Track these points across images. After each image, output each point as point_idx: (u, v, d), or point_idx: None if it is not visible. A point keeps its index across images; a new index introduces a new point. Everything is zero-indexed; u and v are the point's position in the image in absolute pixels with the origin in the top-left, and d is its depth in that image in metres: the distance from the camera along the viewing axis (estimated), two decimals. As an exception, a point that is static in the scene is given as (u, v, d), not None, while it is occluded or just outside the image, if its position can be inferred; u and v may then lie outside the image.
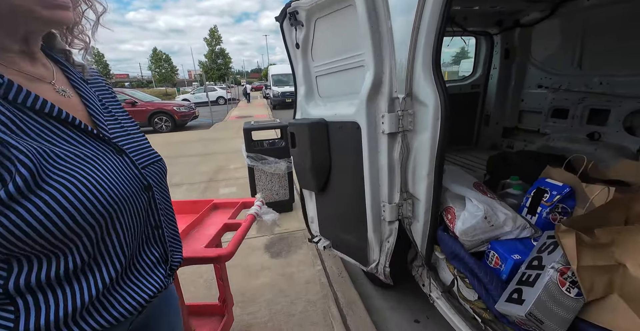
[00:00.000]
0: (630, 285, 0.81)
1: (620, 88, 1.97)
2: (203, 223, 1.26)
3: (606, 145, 2.00)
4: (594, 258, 0.88)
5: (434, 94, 1.17)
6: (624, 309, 0.80)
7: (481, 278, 1.11)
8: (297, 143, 1.57)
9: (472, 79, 3.03)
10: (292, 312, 1.65)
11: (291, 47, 1.60)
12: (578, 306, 0.85)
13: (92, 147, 0.47)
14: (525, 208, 1.35)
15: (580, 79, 2.23)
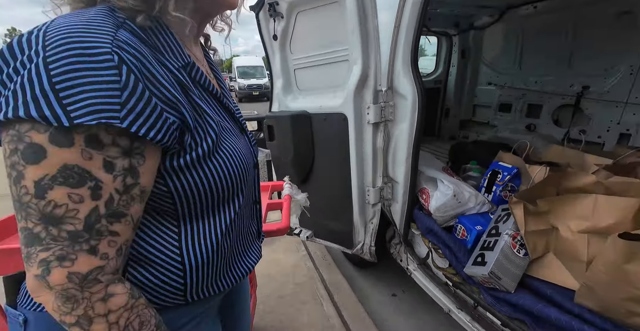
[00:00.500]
0: (560, 244, 1.03)
1: (550, 87, 2.34)
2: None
3: (539, 135, 2.37)
4: (536, 223, 1.09)
5: (412, 88, 1.32)
6: (556, 264, 1.02)
7: (452, 248, 1.30)
8: (277, 135, 1.62)
9: (434, 75, 3.30)
10: (282, 294, 1.73)
11: (268, 38, 1.62)
12: (525, 263, 1.06)
13: (232, 124, 0.54)
14: (483, 188, 1.58)
15: (520, 78, 2.58)
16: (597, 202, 0.97)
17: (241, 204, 0.53)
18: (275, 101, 1.74)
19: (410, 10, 1.22)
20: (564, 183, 1.18)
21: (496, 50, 2.81)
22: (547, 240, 1.10)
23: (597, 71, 1.99)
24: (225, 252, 0.51)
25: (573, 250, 0.98)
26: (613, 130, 1.94)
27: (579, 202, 1.01)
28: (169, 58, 0.43)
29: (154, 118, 0.36)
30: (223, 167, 0.46)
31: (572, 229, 1.02)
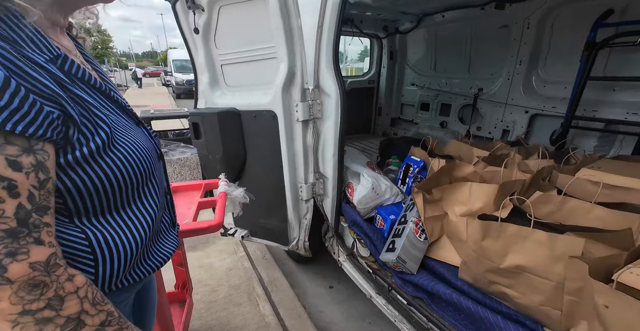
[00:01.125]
0: (450, 227, 1.20)
1: (456, 88, 2.68)
2: (184, 204, 1.19)
3: (450, 130, 2.71)
4: (432, 210, 1.24)
5: (335, 87, 1.37)
6: (448, 245, 1.19)
7: (371, 237, 1.41)
8: (203, 133, 1.55)
9: (368, 75, 3.49)
10: (214, 299, 1.66)
11: (188, 31, 1.53)
12: (425, 246, 1.20)
13: (124, 117, 0.52)
14: (399, 180, 1.74)
15: (435, 80, 2.90)
16: (471, 189, 1.15)
17: (157, 198, 0.54)
18: (202, 98, 1.65)
19: (330, 12, 1.26)
20: (454, 173, 1.37)
21: (417, 54, 3.09)
22: (442, 224, 1.26)
23: (487, 76, 2.36)
24: (142, 245, 0.52)
25: (458, 232, 1.14)
26: (498, 127, 2.33)
27: (460, 189, 1.19)
28: (32, 51, 0.40)
29: (34, 113, 0.35)
30: (124, 161, 0.46)
31: (456, 213, 1.19)
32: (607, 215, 0.95)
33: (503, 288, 0.91)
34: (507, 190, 1.15)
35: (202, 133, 1.57)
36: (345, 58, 21.19)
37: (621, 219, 0.92)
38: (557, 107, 1.95)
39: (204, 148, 1.60)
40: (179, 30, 1.52)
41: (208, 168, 1.69)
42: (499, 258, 0.88)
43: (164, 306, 1.11)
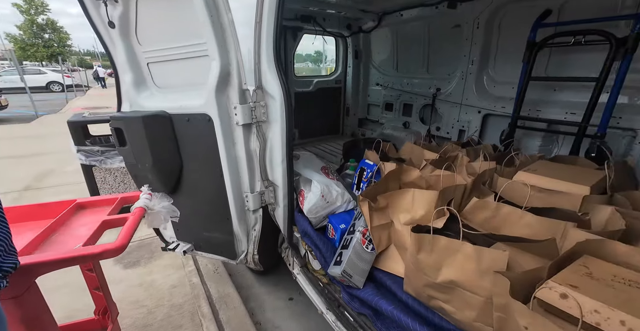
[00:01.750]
0: (396, 236, 1.12)
1: (416, 88, 2.66)
2: (67, 225, 1.02)
3: (412, 131, 2.68)
4: (379, 218, 1.16)
5: (278, 88, 1.26)
6: (395, 255, 1.11)
7: (321, 249, 1.31)
8: (128, 140, 1.38)
9: (335, 75, 3.41)
10: (150, 322, 1.50)
11: (102, 25, 1.34)
12: (372, 257, 1.12)
13: None
14: (354, 185, 1.65)
15: (398, 80, 2.87)
16: (414, 196, 1.09)
17: None
18: (125, 100, 1.47)
19: (268, 5, 1.14)
20: (402, 178, 1.30)
21: (381, 53, 3.04)
22: (389, 232, 1.19)
23: (444, 75, 2.34)
24: None
25: (403, 241, 1.07)
26: (456, 127, 2.32)
27: (403, 196, 1.12)
28: None
29: None
30: None
31: (401, 222, 1.12)
32: (535, 222, 0.92)
33: (441, 303, 0.84)
34: (447, 196, 1.09)
35: (127, 140, 1.39)
36: (324, 58, 20.97)
37: (548, 226, 0.89)
38: (505, 107, 1.95)
39: (130, 156, 1.43)
40: (89, 22, 1.33)
41: (139, 178, 1.52)
42: (434, 273, 0.81)
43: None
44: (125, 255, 2.04)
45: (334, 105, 3.49)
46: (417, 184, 1.23)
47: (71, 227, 1.00)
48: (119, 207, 1.14)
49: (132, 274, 1.86)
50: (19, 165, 4.00)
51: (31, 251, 0.83)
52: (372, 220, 1.09)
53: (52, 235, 0.93)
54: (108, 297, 1.26)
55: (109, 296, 1.28)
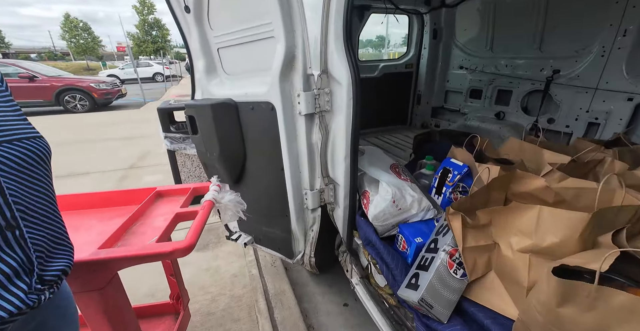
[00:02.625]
0: (501, 263, 0.85)
1: (520, 71, 2.14)
2: (147, 215, 1.05)
3: (508, 123, 2.19)
4: (476, 238, 0.90)
5: (346, 72, 1.08)
6: (497, 287, 0.84)
7: (388, 264, 1.11)
8: (200, 128, 1.37)
9: (406, 58, 3.06)
10: (212, 310, 1.53)
11: (179, 10, 1.33)
12: (463, 286, 0.87)
13: None
14: (434, 188, 1.38)
15: (491, 61, 2.37)
16: (540, 215, 0.78)
17: None
18: (198, 87, 1.47)
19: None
20: (513, 187, 0.99)
21: (468, 31, 2.57)
22: (489, 257, 0.92)
23: (567, 53, 1.79)
24: None
25: (514, 272, 0.79)
26: (582, 119, 1.77)
27: (521, 214, 0.82)
28: None
29: None
30: None
31: (513, 246, 0.84)
32: None
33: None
34: (607, 221, 0.75)
35: (199, 128, 1.39)
36: (387, 42, 19.79)
37: None
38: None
39: (201, 145, 1.43)
40: (169, 9, 1.34)
41: (208, 167, 1.53)
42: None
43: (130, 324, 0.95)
44: (197, 238, 2.17)
45: (403, 92, 3.14)
46: (539, 198, 0.91)
47: (150, 216, 1.02)
48: (191, 198, 1.14)
49: (201, 257, 1.96)
50: (128, 146, 4.70)
51: (114, 243, 0.85)
52: (466, 240, 0.85)
53: (134, 224, 0.96)
54: (181, 285, 1.31)
55: (182, 284, 1.32)
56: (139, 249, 0.77)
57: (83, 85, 8.43)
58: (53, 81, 8.18)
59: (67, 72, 9.63)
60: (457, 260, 0.90)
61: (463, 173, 1.27)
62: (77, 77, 9.18)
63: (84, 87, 8.39)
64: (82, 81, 8.61)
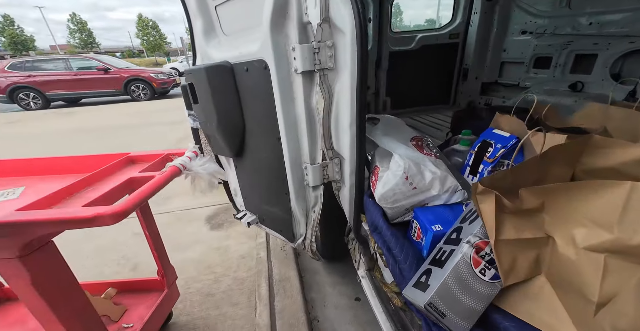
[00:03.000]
0: (558, 264, 0.58)
1: (612, 27, 1.64)
2: (107, 180, 0.96)
3: (588, 96, 1.71)
4: (518, 228, 0.64)
5: (349, 17, 0.86)
6: (549, 296, 0.57)
7: (396, 255, 0.89)
8: (199, 96, 1.26)
9: (450, 27, 2.64)
10: (213, 292, 1.46)
11: None
12: (493, 292, 0.62)
13: None
14: (468, 168, 1.09)
15: (568, 21, 1.88)
16: (632, 197, 0.48)
17: None
18: (198, 52, 1.36)
19: None
20: (587, 161, 0.69)
21: (536, -14, 2.08)
22: (538, 255, 0.65)
23: None
24: None
25: (577, 278, 0.53)
26: None
27: (598, 194, 0.53)
28: None
29: None
30: None
31: (577, 242, 0.56)
32: None
33: None
34: None
35: (198, 97, 1.29)
36: (439, 25, 18.01)
37: None
38: None
39: (201, 115, 1.34)
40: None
41: (210, 138, 1.44)
42: None
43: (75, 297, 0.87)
44: (214, 216, 2.16)
45: (445, 66, 2.73)
46: (631, 175, 0.62)
47: (109, 182, 0.94)
48: (161, 164, 1.04)
49: (214, 236, 1.93)
50: (174, 130, 5.03)
51: (50, 205, 0.76)
52: (502, 229, 0.61)
53: (86, 188, 0.88)
54: (164, 261, 1.24)
55: (166, 261, 1.26)
56: (56, 213, 0.66)
57: (145, 75, 9.25)
58: (122, 72, 9.11)
59: (134, 64, 10.66)
60: (488, 256, 0.65)
61: (509, 146, 0.98)
62: (141, 68, 10.11)
63: (145, 77, 9.21)
64: (144, 72, 9.47)
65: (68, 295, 0.82)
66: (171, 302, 1.29)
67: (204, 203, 2.33)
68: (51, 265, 0.77)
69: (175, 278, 1.30)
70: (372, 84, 2.68)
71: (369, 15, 2.43)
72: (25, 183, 0.97)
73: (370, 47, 2.52)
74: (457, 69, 2.75)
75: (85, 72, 8.75)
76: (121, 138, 4.73)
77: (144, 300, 1.27)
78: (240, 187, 1.51)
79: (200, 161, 1.03)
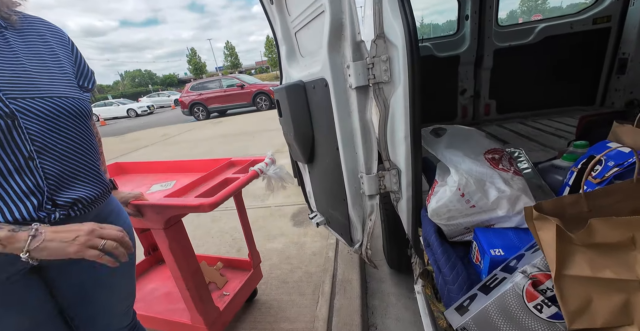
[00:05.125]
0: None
1: None
2: (215, 179, 1.29)
3: None
4: (596, 265, 0.52)
5: (400, 31, 0.88)
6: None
7: (445, 275, 0.83)
8: (282, 111, 1.47)
9: (594, 10, 2.09)
10: (287, 280, 1.66)
11: (267, 4, 1.45)
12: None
13: None
14: (568, 187, 0.90)
15: None
16: None
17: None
18: (283, 72, 1.59)
19: None
20: None
21: None
22: (627, 300, 0.52)
23: None
24: None
25: None
26: None
27: None
28: None
29: None
30: None
31: None
32: None
33: None
34: None
35: (282, 111, 1.53)
36: None
37: None
38: None
39: (284, 126, 1.57)
40: (261, 5, 1.50)
41: (291, 147, 1.65)
42: None
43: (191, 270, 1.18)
44: (297, 214, 2.43)
45: (584, 58, 2.16)
46: None
47: (216, 179, 1.25)
48: (248, 167, 1.30)
49: (295, 232, 2.17)
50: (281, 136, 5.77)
51: (181, 195, 1.10)
52: (569, 263, 0.55)
53: (202, 184, 1.21)
54: (251, 246, 1.52)
55: (253, 247, 1.53)
56: (179, 200, 0.96)
57: (266, 88, 10.93)
58: (252, 87, 11.07)
59: (260, 80, 12.74)
60: (549, 292, 0.57)
61: (626, 165, 0.77)
62: (264, 83, 11.99)
63: (266, 90, 10.87)
64: (265, 86, 11.20)
65: (187, 259, 1.16)
66: (255, 281, 1.57)
67: (293, 202, 2.64)
68: (180, 237, 1.11)
69: (259, 261, 1.57)
70: (469, 87, 2.40)
71: (467, 12, 2.20)
72: (176, 178, 1.39)
73: (467, 47, 2.27)
74: (608, 60, 2.16)
75: (230, 89, 11.09)
76: (242, 142, 5.79)
77: (238, 276, 1.59)
78: (313, 190, 1.67)
79: (274, 167, 1.23)
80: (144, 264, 1.74)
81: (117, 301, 0.85)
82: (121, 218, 0.83)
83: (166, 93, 27.83)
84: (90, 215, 0.72)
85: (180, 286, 1.14)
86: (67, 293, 0.74)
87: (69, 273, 0.73)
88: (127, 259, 0.67)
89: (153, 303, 1.45)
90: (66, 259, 0.61)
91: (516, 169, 0.96)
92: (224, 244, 2.18)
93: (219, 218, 2.54)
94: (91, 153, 0.73)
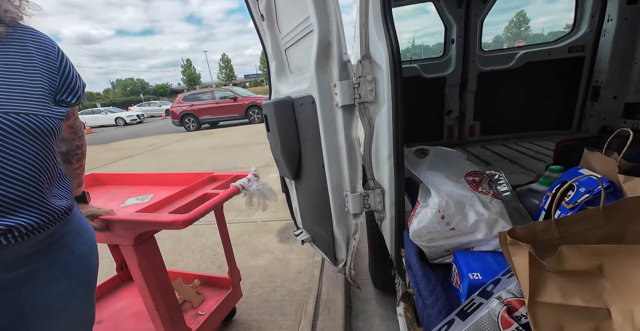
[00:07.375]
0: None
1: None
2: (194, 194, 1.24)
3: None
4: (567, 292, 0.52)
5: (384, 52, 0.91)
6: None
7: (425, 298, 0.82)
8: (270, 126, 1.47)
9: (570, 39, 2.22)
10: (269, 299, 1.60)
11: (258, 20, 1.48)
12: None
13: None
14: (544, 211, 0.91)
15: None
16: None
17: None
18: (273, 88, 1.60)
19: None
20: None
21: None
22: (595, 328, 0.51)
23: None
24: None
25: None
26: None
27: None
28: None
29: None
30: None
31: (635, 322, 0.43)
32: None
33: None
34: None
35: (270, 126, 1.52)
36: None
37: None
38: None
39: (271, 141, 1.56)
40: (252, 21, 1.53)
41: (278, 163, 1.64)
42: None
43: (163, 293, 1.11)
44: (284, 230, 2.38)
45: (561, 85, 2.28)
46: None
47: (195, 194, 1.21)
48: (229, 183, 1.27)
49: (281, 248, 2.12)
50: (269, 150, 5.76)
51: (155, 210, 1.06)
52: (542, 290, 0.54)
53: (180, 199, 1.17)
54: (231, 263, 1.46)
55: (233, 263, 1.47)
56: (149, 216, 0.92)
57: (259, 101, 11.01)
58: (245, 100, 11.13)
59: (253, 93, 12.84)
60: (523, 319, 0.56)
61: (596, 191, 0.79)
62: (257, 96, 12.09)
63: (258, 103, 10.94)
64: (259, 99, 11.28)
65: (157, 278, 1.10)
66: (234, 301, 1.50)
67: (280, 217, 2.60)
68: (151, 254, 1.05)
69: (239, 279, 1.50)
70: (455, 108, 2.48)
71: (452, 37, 2.30)
72: (154, 191, 1.35)
73: (452, 69, 2.36)
74: (582, 87, 2.27)
75: (223, 100, 11.11)
76: (231, 155, 5.72)
77: (216, 295, 1.52)
78: (299, 206, 1.65)
79: (257, 183, 1.21)
80: (115, 280, 1.65)
81: (70, 329, 0.76)
82: (80, 238, 0.76)
83: (157, 103, 27.64)
84: (33, 240, 0.65)
85: (149, 306, 1.07)
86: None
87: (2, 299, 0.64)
88: None
89: (121, 323, 1.36)
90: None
91: (495, 192, 0.97)
92: (205, 260, 2.10)
93: (202, 233, 2.47)
94: (43, 176, 0.65)
